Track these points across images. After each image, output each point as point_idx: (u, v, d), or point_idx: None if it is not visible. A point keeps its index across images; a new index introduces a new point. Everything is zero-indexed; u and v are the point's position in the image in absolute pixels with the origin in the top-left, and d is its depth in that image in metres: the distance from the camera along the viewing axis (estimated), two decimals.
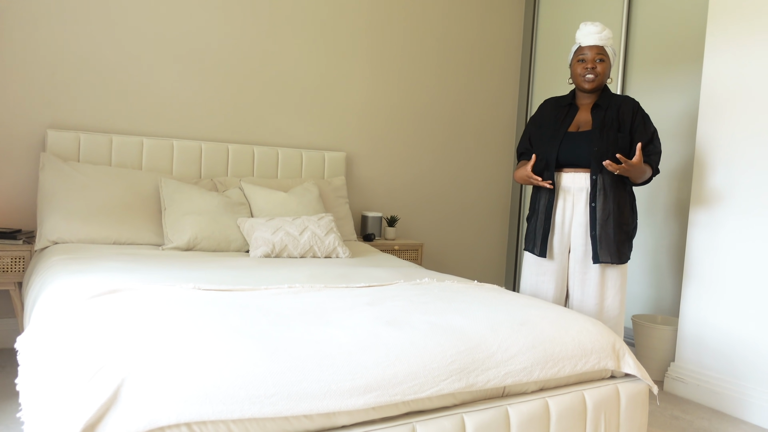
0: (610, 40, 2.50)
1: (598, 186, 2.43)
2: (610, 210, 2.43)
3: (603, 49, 2.48)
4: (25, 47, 2.97)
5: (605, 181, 2.43)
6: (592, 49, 2.48)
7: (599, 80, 2.49)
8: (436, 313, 1.76)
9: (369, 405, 1.36)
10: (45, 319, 1.69)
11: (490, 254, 4.53)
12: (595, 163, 2.42)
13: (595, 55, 2.47)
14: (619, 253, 2.45)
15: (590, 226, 2.45)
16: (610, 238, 2.43)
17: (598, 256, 2.44)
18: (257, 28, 3.53)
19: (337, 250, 2.91)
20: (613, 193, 2.44)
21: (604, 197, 2.43)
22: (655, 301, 3.51)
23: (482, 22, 4.32)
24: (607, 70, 2.50)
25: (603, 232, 2.43)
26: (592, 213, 2.44)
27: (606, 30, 2.49)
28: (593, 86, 2.50)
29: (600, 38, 2.48)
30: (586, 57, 2.49)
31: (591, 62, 2.48)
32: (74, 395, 1.24)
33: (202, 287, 1.90)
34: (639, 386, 1.84)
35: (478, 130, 4.38)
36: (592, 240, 2.45)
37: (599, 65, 2.48)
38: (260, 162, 3.48)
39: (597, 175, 2.43)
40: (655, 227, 3.52)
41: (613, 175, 2.43)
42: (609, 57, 2.50)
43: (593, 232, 2.44)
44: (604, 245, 2.43)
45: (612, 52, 2.51)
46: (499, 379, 1.58)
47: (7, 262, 2.71)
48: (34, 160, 3.02)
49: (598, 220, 2.43)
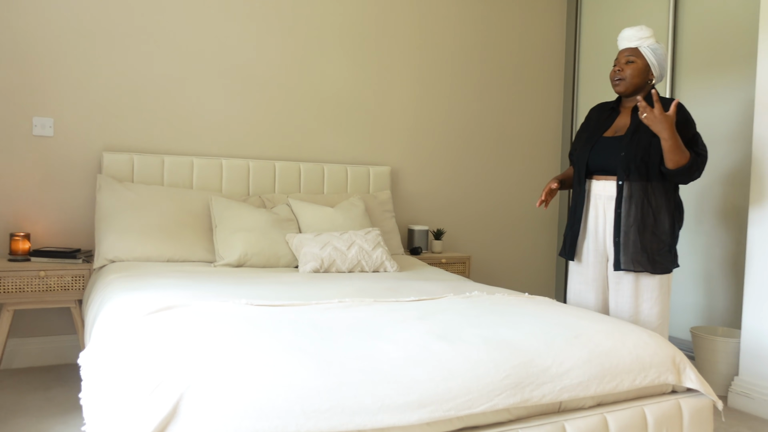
0: (646, 40, 2.39)
1: (624, 193, 2.35)
2: (638, 217, 2.33)
3: (635, 50, 2.40)
4: (82, 77, 3.10)
5: (633, 188, 2.34)
6: (623, 52, 2.43)
7: (628, 82, 2.41)
8: (487, 327, 1.74)
9: (423, 420, 1.34)
10: (105, 335, 1.75)
11: (539, 266, 4.46)
12: (621, 170, 2.35)
13: (624, 58, 2.41)
14: (653, 262, 2.34)
15: (614, 232, 2.38)
16: (637, 246, 2.33)
17: (620, 264, 2.35)
18: (300, 47, 3.59)
19: (384, 264, 2.92)
20: (645, 199, 2.33)
21: (631, 204, 2.33)
22: (710, 312, 3.38)
23: (524, 33, 4.29)
24: (638, 71, 2.39)
25: (627, 240, 2.34)
26: (617, 219, 2.37)
27: (643, 30, 2.39)
28: (622, 89, 2.43)
29: (632, 40, 2.40)
30: (617, 60, 2.44)
31: (620, 65, 2.42)
32: (135, 410, 1.27)
33: (254, 303, 1.93)
34: (702, 401, 1.76)
35: (523, 140, 4.33)
36: (615, 247, 2.37)
37: (628, 67, 2.40)
38: (306, 178, 3.53)
39: (624, 181, 2.35)
40: (706, 235, 3.40)
41: (645, 182, 2.33)
42: (644, 57, 2.39)
43: (616, 238, 2.36)
44: (629, 252, 2.34)
45: (651, 51, 2.39)
46: (555, 394, 1.54)
47: (68, 281, 2.82)
48: (92, 182, 3.14)
49: (622, 226, 2.35)
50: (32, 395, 2.66)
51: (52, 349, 3.10)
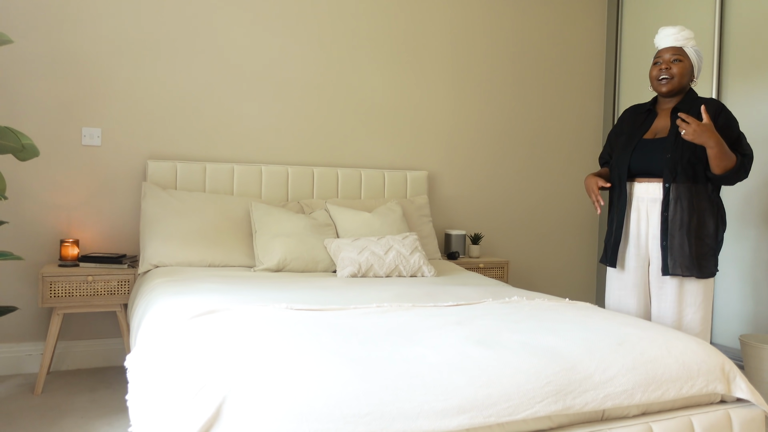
0: (690, 41, 2.35)
1: (671, 195, 2.29)
2: (686, 220, 2.27)
3: (681, 49, 2.35)
4: (128, 89, 3.20)
5: (680, 190, 2.28)
6: (668, 51, 2.36)
7: (676, 81, 2.35)
8: (528, 333, 1.72)
9: (463, 426, 1.33)
10: (150, 338, 1.79)
11: (579, 271, 4.38)
12: (668, 171, 2.29)
13: (671, 56, 2.35)
14: (700, 266, 2.28)
15: (662, 236, 2.32)
16: (685, 250, 2.27)
17: (668, 268, 2.29)
18: (336, 54, 3.62)
19: (422, 269, 2.91)
20: (691, 202, 2.27)
21: (678, 207, 2.28)
22: (758, 320, 3.26)
23: (562, 34, 4.23)
24: (685, 71, 2.34)
25: (675, 243, 2.28)
26: (664, 223, 2.30)
27: (685, 30, 2.35)
28: (669, 88, 2.36)
29: (677, 39, 2.35)
30: (662, 59, 2.38)
31: (666, 63, 2.36)
32: (180, 412, 1.30)
33: (293, 307, 1.95)
34: (753, 412, 1.70)
35: (563, 144, 4.27)
36: (663, 251, 2.31)
37: (675, 66, 2.34)
38: (344, 183, 3.56)
39: (670, 183, 2.29)
40: (751, 239, 3.28)
41: (692, 184, 2.28)
42: (689, 57, 2.35)
43: (664, 242, 2.30)
44: (677, 256, 2.28)
45: (694, 52, 2.35)
46: (598, 402, 1.51)
47: (114, 285, 2.90)
48: (137, 189, 3.23)
49: (669, 230, 2.29)
50: (79, 397, 2.75)
51: (99, 351, 3.19)
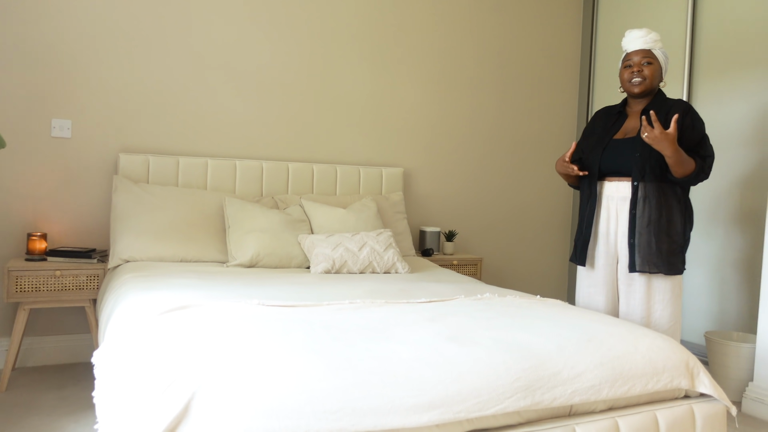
0: (658, 43, 2.41)
1: (640, 194, 2.35)
2: (654, 218, 2.33)
3: (650, 52, 2.41)
4: (100, 80, 3.14)
5: (648, 188, 2.34)
6: (638, 53, 2.42)
7: (648, 83, 2.41)
8: (499, 329, 1.74)
9: (433, 422, 1.34)
10: (119, 334, 1.76)
11: (551, 269, 4.44)
12: (636, 170, 2.34)
13: (641, 59, 2.41)
14: (668, 264, 2.34)
15: (629, 233, 2.37)
16: (652, 247, 2.33)
17: (636, 265, 2.35)
18: (313, 49, 3.61)
19: (396, 266, 2.92)
20: (659, 200, 2.33)
21: (647, 205, 2.33)
22: (724, 317, 3.34)
23: (539, 38, 4.27)
24: (656, 73, 2.41)
25: (642, 241, 2.34)
26: (632, 221, 2.36)
27: (653, 33, 2.41)
28: (642, 89, 2.42)
29: (645, 41, 2.41)
30: (632, 62, 2.43)
31: (637, 66, 2.41)
32: (148, 408, 1.28)
33: (266, 303, 1.94)
34: (716, 407, 1.75)
35: (538, 144, 4.31)
36: (630, 248, 2.37)
37: (646, 68, 2.40)
38: (319, 179, 3.54)
39: (639, 182, 2.35)
40: (720, 238, 3.36)
41: (660, 183, 2.33)
42: (658, 60, 2.41)
43: (631, 239, 2.36)
44: (644, 254, 2.33)
45: (662, 54, 2.42)
46: (566, 398, 1.53)
47: (83, 280, 2.85)
48: (108, 182, 3.18)
49: (637, 228, 2.35)
50: (46, 394, 2.70)
51: (67, 348, 3.14)
